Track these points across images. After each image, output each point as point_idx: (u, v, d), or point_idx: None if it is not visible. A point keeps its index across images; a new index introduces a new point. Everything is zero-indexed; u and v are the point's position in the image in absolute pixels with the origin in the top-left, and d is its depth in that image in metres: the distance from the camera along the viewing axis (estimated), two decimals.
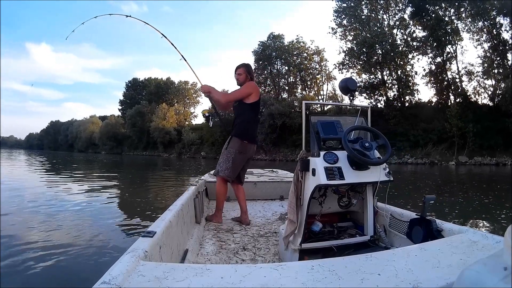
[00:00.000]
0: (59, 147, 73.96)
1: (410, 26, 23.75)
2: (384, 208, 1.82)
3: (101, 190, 7.22)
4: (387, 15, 24.93)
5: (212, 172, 3.29)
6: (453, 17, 21.14)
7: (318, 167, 1.48)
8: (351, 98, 1.73)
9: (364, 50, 23.97)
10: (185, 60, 3.06)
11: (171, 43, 3.11)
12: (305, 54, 32.77)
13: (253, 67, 3.06)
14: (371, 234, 1.70)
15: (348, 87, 1.70)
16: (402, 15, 24.18)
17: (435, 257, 1.03)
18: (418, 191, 7.35)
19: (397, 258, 1.03)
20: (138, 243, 1.10)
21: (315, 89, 33.04)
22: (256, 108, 2.71)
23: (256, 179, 3.73)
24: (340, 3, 26.18)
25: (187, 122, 44.27)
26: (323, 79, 32.39)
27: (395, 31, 24.42)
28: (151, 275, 0.86)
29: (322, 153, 1.53)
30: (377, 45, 23.21)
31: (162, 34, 3.11)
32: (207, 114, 2.79)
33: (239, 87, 2.71)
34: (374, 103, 25.05)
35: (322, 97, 31.67)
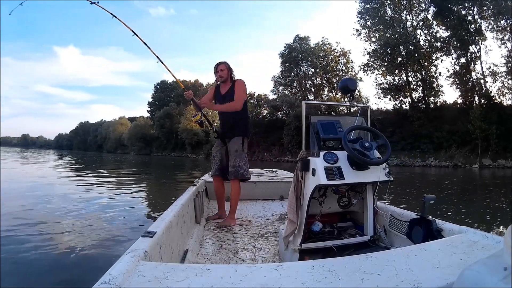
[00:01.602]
0: (88, 147, 75.40)
1: (433, 26, 23.49)
2: (384, 208, 1.82)
3: (121, 189, 7.25)
4: (411, 16, 24.73)
5: (210, 173, 3.27)
6: (476, 16, 20.77)
7: (318, 167, 1.48)
8: (351, 98, 1.73)
9: (388, 51, 23.90)
10: (162, 62, 2.98)
11: (143, 42, 2.94)
12: (331, 56, 32.83)
13: (279, 69, 3.08)
14: (371, 234, 1.70)
15: (348, 87, 1.70)
16: (425, 15, 23.96)
17: (435, 257, 1.03)
18: (440, 194, 6.94)
19: (397, 258, 1.03)
20: (138, 243, 1.10)
21: None
22: (246, 105, 2.78)
23: (256, 179, 3.73)
24: (363, 4, 26.10)
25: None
26: None
27: (418, 31, 24.24)
28: (151, 275, 0.86)
29: (322, 153, 1.53)
30: (400, 46, 23.11)
31: (133, 31, 2.92)
32: (199, 120, 2.79)
33: (221, 83, 2.77)
34: (398, 105, 25.06)
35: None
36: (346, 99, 1.77)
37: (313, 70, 33.77)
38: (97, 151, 62.66)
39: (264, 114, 35.31)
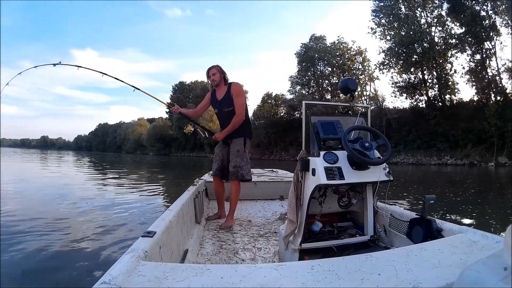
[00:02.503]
0: (107, 148, 76.58)
1: (447, 23, 23.35)
2: (384, 208, 1.82)
3: (137, 190, 7.25)
4: (425, 13, 24.61)
5: (210, 172, 3.28)
6: (490, 12, 20.53)
7: (318, 167, 1.48)
8: (351, 98, 1.73)
9: (403, 49, 23.77)
10: (139, 89, 3.05)
11: (115, 78, 3.09)
12: (347, 55, 32.87)
13: (296, 69, 3.09)
14: (371, 234, 1.70)
15: (348, 87, 1.70)
16: (439, 12, 23.87)
17: (435, 257, 1.03)
18: (456, 195, 6.76)
19: (397, 258, 1.03)
20: (138, 243, 1.10)
21: (358, 90, 33.21)
22: (247, 107, 2.79)
23: (256, 179, 3.73)
24: (377, 2, 26.07)
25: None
26: (366, 79, 32.19)
27: (433, 28, 24.11)
28: (151, 275, 0.86)
29: (322, 153, 1.53)
30: (415, 44, 22.94)
31: (101, 72, 3.04)
32: (192, 130, 2.80)
33: (214, 87, 2.75)
34: (414, 103, 24.93)
35: (366, 98, 31.56)
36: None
37: (329, 69, 33.94)
38: (116, 152, 63.91)
39: (281, 114, 35.52)
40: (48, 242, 2.97)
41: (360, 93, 31.95)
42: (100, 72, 3.01)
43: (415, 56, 23.76)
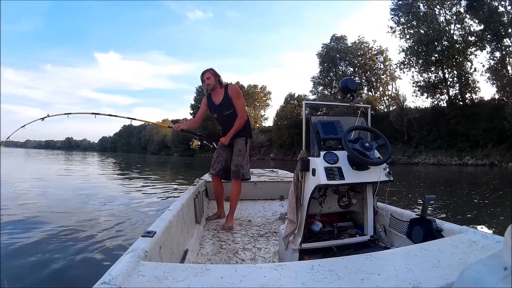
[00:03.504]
0: (132, 149, 77.75)
1: (466, 20, 23.13)
2: (384, 208, 1.82)
3: (157, 189, 7.26)
4: (443, 10, 24.54)
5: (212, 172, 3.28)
6: (508, 7, 20.28)
7: (318, 167, 1.48)
8: (351, 98, 1.73)
9: (423, 47, 23.60)
10: (135, 119, 3.20)
11: (108, 114, 3.23)
12: (368, 55, 32.89)
13: (318, 70, 3.08)
14: (371, 234, 1.70)
15: (348, 87, 1.70)
16: (457, 9, 23.73)
17: (435, 257, 1.03)
18: (472, 197, 6.57)
19: (397, 258, 1.03)
20: (138, 243, 1.10)
21: (380, 89, 32.91)
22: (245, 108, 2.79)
23: (256, 179, 3.73)
24: (396, 0, 26.03)
25: (257, 125, 45.86)
26: (388, 79, 32.16)
27: (452, 26, 23.98)
28: (151, 275, 0.86)
29: (322, 153, 1.53)
30: (435, 42, 22.79)
31: (94, 113, 3.15)
32: (199, 144, 2.82)
33: (211, 91, 2.73)
34: (435, 102, 24.80)
35: (387, 97, 31.38)
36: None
37: (351, 69, 33.88)
38: (141, 153, 64.61)
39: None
40: (48, 242, 2.97)
41: (382, 93, 31.88)
42: (93, 113, 3.12)
43: (435, 55, 23.60)
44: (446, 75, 24.49)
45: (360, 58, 33.16)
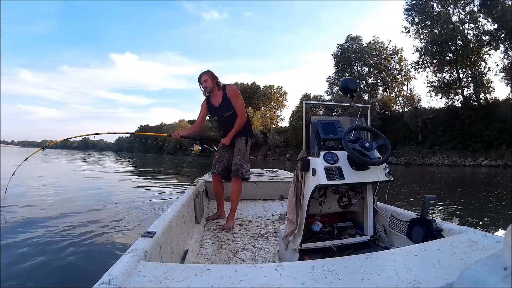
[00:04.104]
0: (148, 149, 77.88)
1: (479, 19, 22.98)
2: (384, 208, 1.82)
3: (162, 189, 7.28)
4: (457, 9, 24.46)
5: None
6: None
7: (318, 167, 1.48)
8: (351, 98, 1.73)
9: (437, 47, 23.53)
10: (133, 133, 3.25)
11: (108, 133, 3.29)
12: (383, 55, 32.90)
13: (333, 70, 3.06)
14: (371, 234, 1.70)
15: (348, 87, 1.70)
16: (471, 8, 23.60)
17: (435, 257, 1.03)
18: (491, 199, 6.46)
19: (397, 258, 1.03)
20: (138, 243, 1.10)
21: (396, 90, 32.80)
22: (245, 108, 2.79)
23: (256, 179, 3.73)
24: (410, 0, 25.96)
25: (273, 125, 45.96)
26: (403, 79, 32.02)
27: (465, 25, 23.88)
28: (151, 275, 0.86)
29: (322, 153, 1.53)
30: (449, 42, 22.73)
31: (93, 134, 3.22)
32: (199, 148, 2.80)
33: (207, 94, 2.72)
34: (450, 102, 24.74)
35: (403, 98, 31.17)
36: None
37: (366, 69, 33.94)
38: (157, 153, 64.89)
39: (320, 115, 35.98)
40: (49, 242, 2.97)
41: (398, 93, 31.71)
42: (91, 134, 3.15)
43: (449, 55, 23.55)
44: (461, 75, 24.46)
45: (375, 58, 33.15)
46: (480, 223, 4.28)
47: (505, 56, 21.90)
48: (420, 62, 26.33)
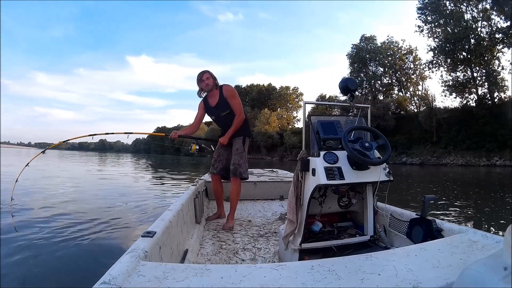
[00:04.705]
0: (165, 151, 78.03)
1: (492, 16, 22.80)
2: (384, 208, 1.82)
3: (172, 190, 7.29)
4: (469, 7, 24.25)
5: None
6: None
7: (318, 167, 1.48)
8: (351, 98, 1.73)
9: (450, 46, 23.37)
10: (131, 133, 3.12)
11: (106, 133, 3.18)
12: (398, 55, 32.78)
13: (348, 70, 3.03)
14: (371, 234, 1.70)
15: (348, 87, 1.70)
16: (484, 6, 23.38)
17: (435, 257, 1.03)
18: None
19: (397, 258, 1.03)
20: (138, 243, 1.10)
21: (411, 89, 32.65)
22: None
23: (256, 179, 3.73)
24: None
25: (290, 126, 46.45)
26: (417, 78, 31.83)
27: (479, 23, 23.70)
28: (151, 275, 0.86)
29: (322, 153, 1.53)
30: (462, 41, 22.57)
31: (91, 135, 3.07)
32: (197, 148, 2.80)
33: (206, 92, 2.71)
34: (464, 102, 24.61)
35: (417, 97, 30.97)
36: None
37: (381, 69, 33.77)
38: (175, 155, 65.25)
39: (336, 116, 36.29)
40: (48, 242, 2.97)
41: (413, 93, 31.50)
42: (90, 135, 3.06)
43: (463, 53, 23.41)
44: (475, 74, 24.28)
45: (390, 58, 33.04)
46: (496, 226, 4.21)
47: None
48: (434, 62, 26.27)
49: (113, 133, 3.13)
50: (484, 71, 23.61)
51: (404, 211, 1.75)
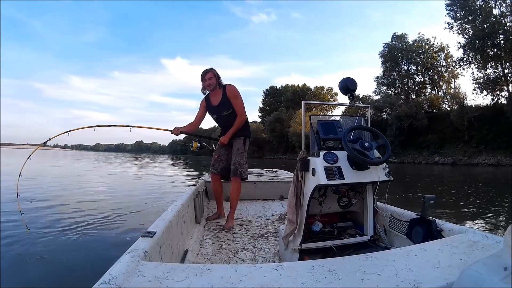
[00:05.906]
0: (204, 152, 78.12)
1: None
2: (384, 208, 1.82)
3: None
4: (498, 2, 23.89)
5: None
6: None
7: (318, 167, 1.48)
8: (351, 98, 1.73)
9: (479, 43, 23.00)
10: (134, 126, 3.03)
11: (108, 125, 3.04)
12: (429, 52, 32.34)
13: (381, 70, 2.97)
14: (371, 234, 1.69)
15: (348, 87, 1.70)
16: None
17: (435, 257, 1.03)
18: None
19: (397, 258, 1.03)
20: (138, 243, 1.10)
21: (443, 87, 32.17)
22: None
23: (256, 179, 3.73)
24: None
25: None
26: (449, 76, 31.37)
27: (508, 18, 23.34)
28: (151, 275, 0.86)
29: (322, 153, 1.53)
30: (491, 36, 22.21)
31: (93, 126, 2.96)
32: (198, 145, 2.83)
33: (208, 91, 2.72)
34: (495, 99, 24.27)
35: (450, 95, 30.33)
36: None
37: (414, 68, 33.30)
38: (210, 155, 65.46)
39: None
40: (48, 242, 2.97)
41: (446, 91, 30.93)
42: (92, 126, 2.97)
43: (493, 49, 23.05)
44: (505, 71, 23.93)
45: (422, 56, 32.54)
46: None
47: None
48: (465, 59, 25.91)
49: (115, 125, 3.07)
50: None
51: (404, 211, 1.75)
